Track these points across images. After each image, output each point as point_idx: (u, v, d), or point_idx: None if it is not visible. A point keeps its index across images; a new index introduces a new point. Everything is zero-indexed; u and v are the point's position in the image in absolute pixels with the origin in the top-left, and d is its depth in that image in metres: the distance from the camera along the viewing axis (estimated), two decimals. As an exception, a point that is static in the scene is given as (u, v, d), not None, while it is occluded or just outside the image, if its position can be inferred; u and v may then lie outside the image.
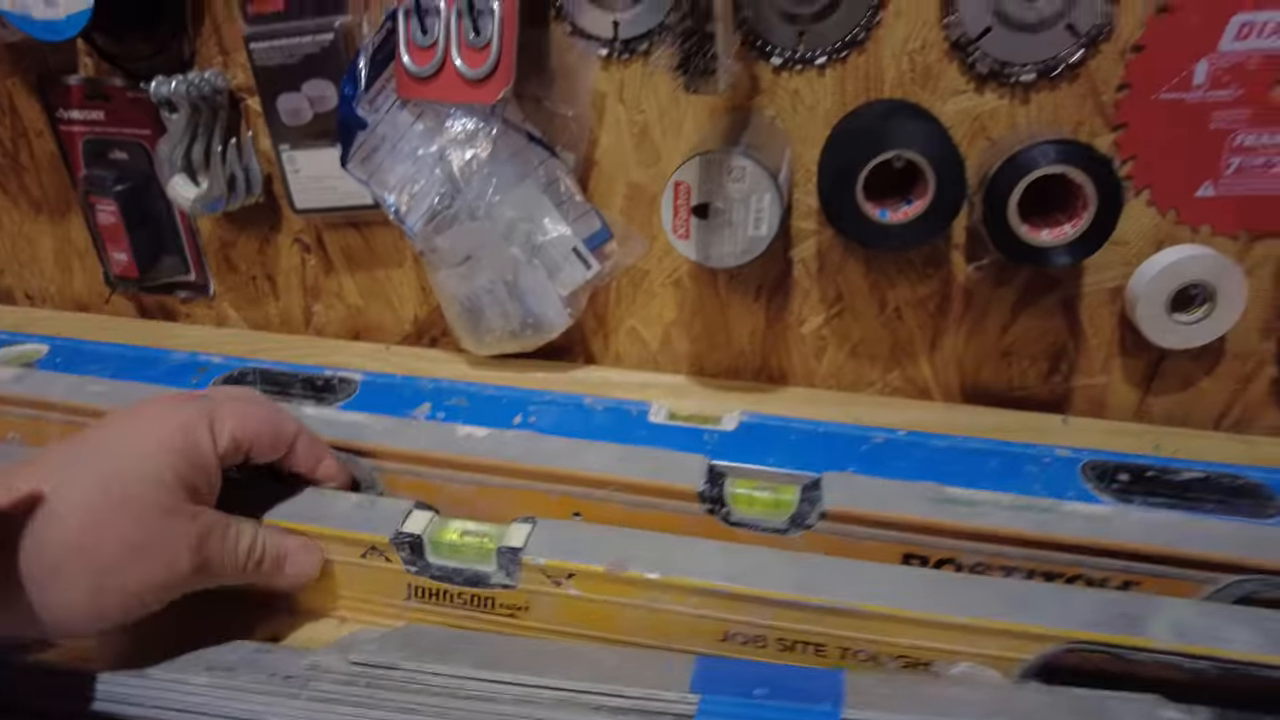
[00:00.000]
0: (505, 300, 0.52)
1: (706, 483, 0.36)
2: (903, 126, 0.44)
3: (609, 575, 0.32)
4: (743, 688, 0.27)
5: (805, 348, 0.55)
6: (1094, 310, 0.50)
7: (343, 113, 0.49)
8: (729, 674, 0.29)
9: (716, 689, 0.27)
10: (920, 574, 0.32)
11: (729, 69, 0.38)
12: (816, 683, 0.28)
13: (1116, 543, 0.33)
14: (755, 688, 0.27)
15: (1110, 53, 0.44)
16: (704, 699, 0.26)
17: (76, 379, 0.46)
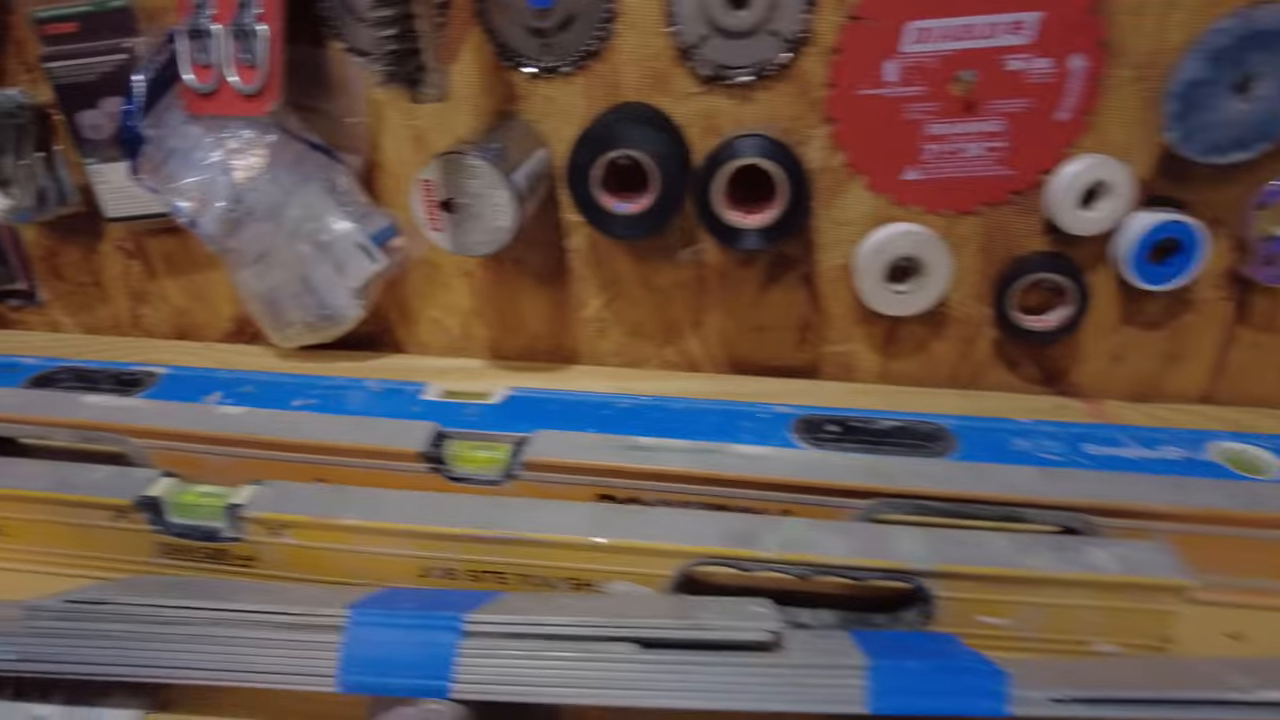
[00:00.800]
0: (300, 295, 0.57)
1: (430, 445, 0.41)
2: (631, 128, 0.50)
3: (316, 523, 0.37)
4: (395, 604, 0.32)
5: (589, 329, 0.60)
6: (831, 285, 0.56)
7: (125, 129, 0.53)
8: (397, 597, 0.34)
9: (375, 606, 0.32)
10: (587, 508, 0.37)
11: (438, 82, 0.43)
12: (467, 599, 0.33)
13: (763, 477, 0.39)
14: (409, 604, 0.32)
15: (814, 55, 0.50)
16: (354, 610, 0.31)
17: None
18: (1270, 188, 0.50)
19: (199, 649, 0.31)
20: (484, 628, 0.30)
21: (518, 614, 0.31)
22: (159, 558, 0.39)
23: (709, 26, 0.50)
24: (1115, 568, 0.34)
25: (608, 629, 0.30)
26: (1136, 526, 0.38)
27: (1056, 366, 0.57)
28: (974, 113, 0.51)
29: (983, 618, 0.35)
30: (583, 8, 0.51)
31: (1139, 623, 0.34)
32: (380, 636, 0.31)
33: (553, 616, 0.31)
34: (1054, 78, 0.50)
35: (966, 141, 0.52)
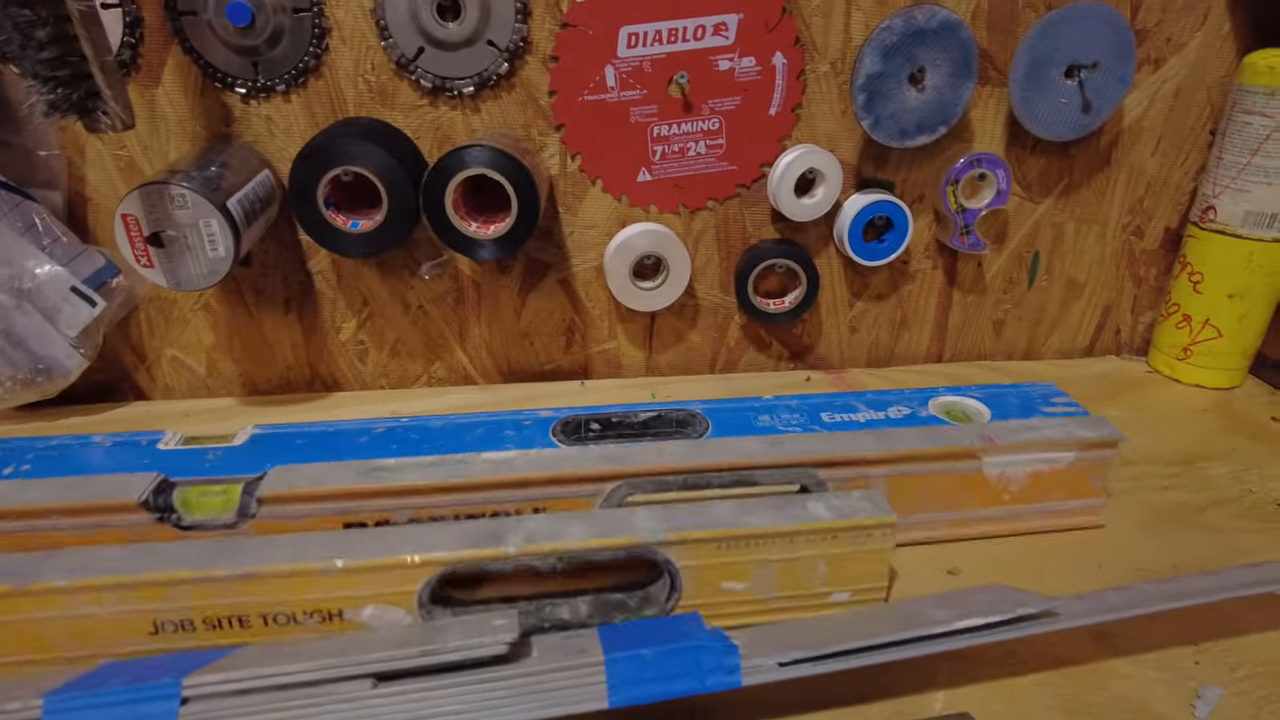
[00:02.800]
0: (5, 350, 0.51)
1: (152, 493, 0.38)
2: (354, 144, 0.48)
3: (16, 591, 0.33)
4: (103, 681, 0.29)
5: (348, 353, 0.58)
6: (587, 287, 0.58)
7: None
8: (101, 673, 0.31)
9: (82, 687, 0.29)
10: (326, 535, 0.36)
11: (117, 109, 0.40)
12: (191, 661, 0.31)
13: (508, 477, 0.39)
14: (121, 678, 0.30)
15: (534, 64, 0.52)
16: (49, 698, 0.28)
17: None
18: (957, 166, 0.56)
19: None
20: (205, 689, 0.28)
21: (243, 668, 0.29)
22: None
23: (423, 38, 0.50)
24: (828, 515, 0.37)
25: (339, 668, 0.29)
26: (854, 475, 0.41)
27: (800, 343, 0.62)
28: (693, 113, 0.54)
29: (724, 584, 0.37)
30: (289, 24, 0.49)
31: (861, 567, 0.37)
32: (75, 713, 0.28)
33: (282, 665, 0.29)
34: (761, 75, 0.53)
35: (689, 140, 0.55)
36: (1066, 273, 0.62)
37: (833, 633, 0.34)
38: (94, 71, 0.38)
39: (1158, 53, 0.56)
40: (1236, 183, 0.55)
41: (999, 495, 0.44)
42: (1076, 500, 0.45)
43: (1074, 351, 0.65)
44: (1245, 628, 0.38)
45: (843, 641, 0.32)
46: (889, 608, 0.38)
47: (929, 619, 0.34)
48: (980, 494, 0.43)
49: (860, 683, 0.35)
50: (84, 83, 0.38)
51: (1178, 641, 0.37)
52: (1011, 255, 0.61)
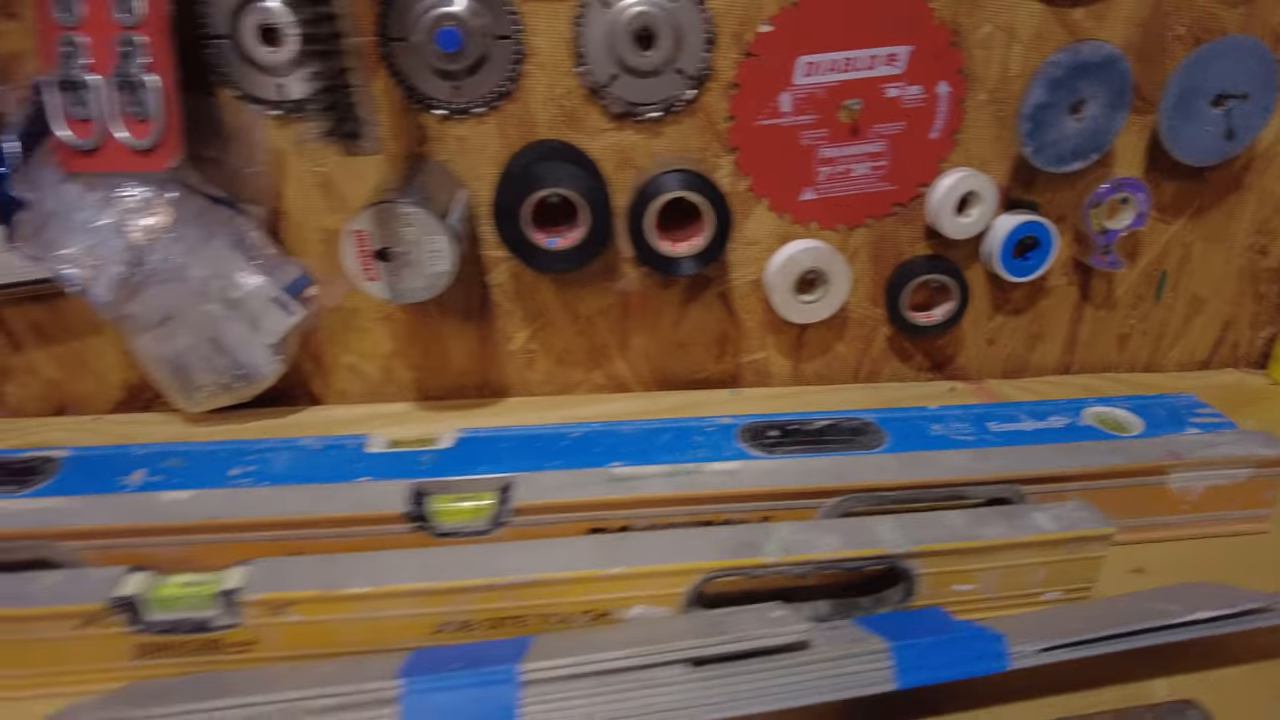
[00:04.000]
0: (211, 356, 0.53)
1: (411, 504, 0.41)
2: (555, 167, 0.51)
3: (322, 597, 0.36)
4: (443, 664, 0.32)
5: (517, 361, 0.61)
6: (744, 300, 0.61)
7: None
8: (435, 657, 0.34)
9: (419, 671, 0.32)
10: (590, 540, 0.39)
11: (374, 133, 0.42)
12: (507, 649, 0.34)
13: (742, 490, 0.42)
14: (454, 663, 0.32)
15: (716, 90, 0.54)
16: (407, 680, 0.31)
17: None
18: (1100, 190, 0.59)
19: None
20: (539, 675, 0.31)
21: (567, 655, 0.32)
22: (137, 660, 0.36)
23: (618, 66, 0.52)
24: (1055, 526, 0.40)
25: (658, 655, 0.32)
26: (1052, 490, 0.44)
27: (942, 354, 0.64)
28: (859, 136, 0.56)
29: (956, 586, 0.40)
30: (492, 50, 0.51)
31: (1075, 571, 0.40)
32: (438, 702, 0.31)
33: (602, 653, 0.32)
34: (925, 102, 0.56)
35: (854, 162, 0.57)
36: (1191, 289, 0.65)
37: (1079, 623, 0.36)
38: (358, 102, 0.41)
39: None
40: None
41: (1177, 505, 0.47)
42: (1247, 510, 0.48)
43: (1192, 364, 0.68)
44: None
45: (1092, 630, 0.35)
46: (1116, 601, 0.41)
47: (1161, 612, 0.37)
48: (1161, 504, 0.46)
49: (1088, 671, 0.37)
50: (351, 111, 0.41)
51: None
52: (1141, 273, 0.64)
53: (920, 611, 0.39)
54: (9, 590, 0.36)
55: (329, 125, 0.41)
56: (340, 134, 0.41)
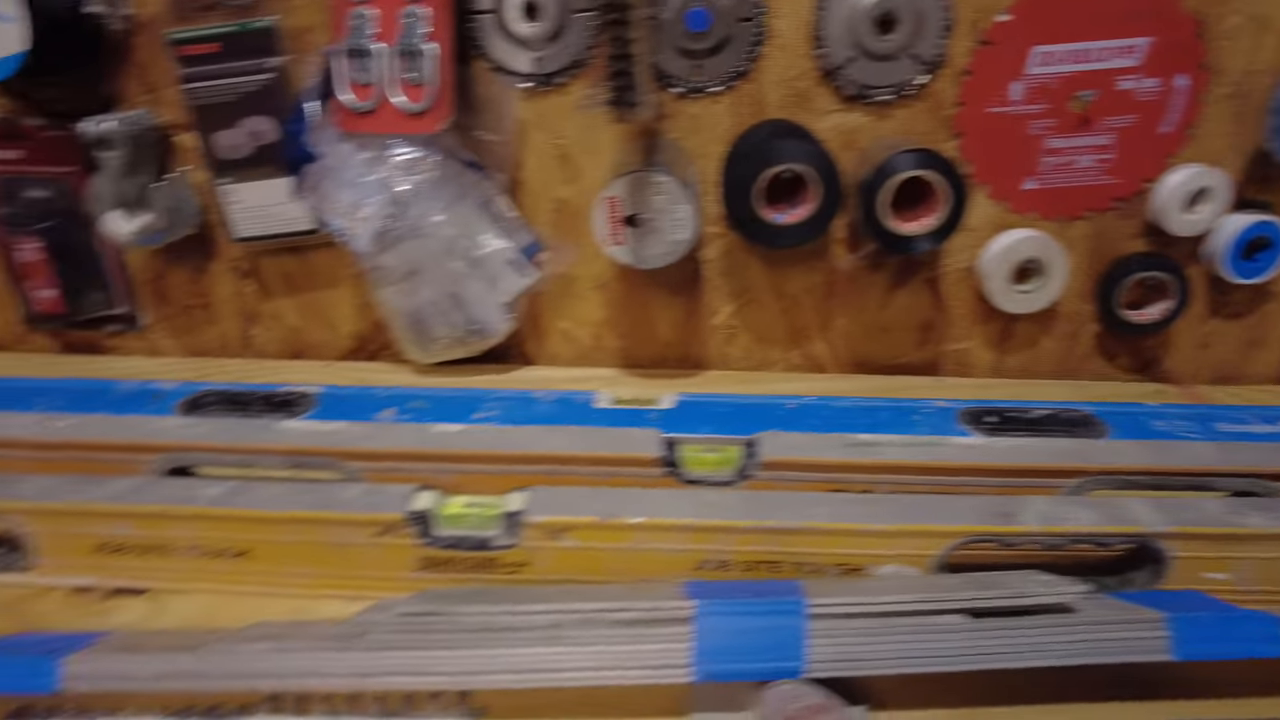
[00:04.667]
0: (449, 310, 0.57)
1: (664, 449, 0.43)
2: (787, 144, 0.53)
3: (599, 524, 0.38)
4: (725, 594, 0.34)
5: (718, 336, 0.63)
6: (953, 287, 0.61)
7: (293, 149, 0.53)
8: (713, 587, 0.36)
9: (707, 596, 0.34)
10: (845, 497, 0.40)
11: (651, 101, 0.45)
12: (780, 586, 0.35)
13: (991, 463, 0.42)
14: (735, 594, 0.34)
15: (947, 77, 0.55)
16: (700, 602, 0.33)
17: (37, 417, 0.48)
18: (1342, 190, 0.56)
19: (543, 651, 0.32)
20: (826, 609, 0.33)
21: (850, 595, 0.33)
22: (419, 572, 0.40)
23: (856, 49, 0.54)
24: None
25: (940, 602, 0.33)
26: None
27: (1150, 355, 0.63)
28: (1088, 128, 0.56)
29: (1208, 574, 0.39)
30: (736, 31, 0.53)
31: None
32: (729, 624, 0.33)
33: (884, 596, 0.33)
34: (1160, 95, 0.55)
35: (1079, 154, 0.57)
36: None
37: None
38: (638, 72, 0.43)
39: None
40: None
41: None
42: None
43: None
44: None
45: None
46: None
47: None
48: None
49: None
50: (631, 79, 0.43)
51: None
52: (1377, 283, 0.61)
53: (1178, 592, 0.38)
54: (319, 498, 0.40)
55: (612, 92, 0.43)
56: (621, 101, 0.44)
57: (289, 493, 0.40)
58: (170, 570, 0.41)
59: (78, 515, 0.40)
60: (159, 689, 0.33)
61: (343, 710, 0.34)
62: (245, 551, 0.40)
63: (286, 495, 0.40)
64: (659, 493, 0.40)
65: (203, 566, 0.41)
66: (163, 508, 0.40)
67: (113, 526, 0.40)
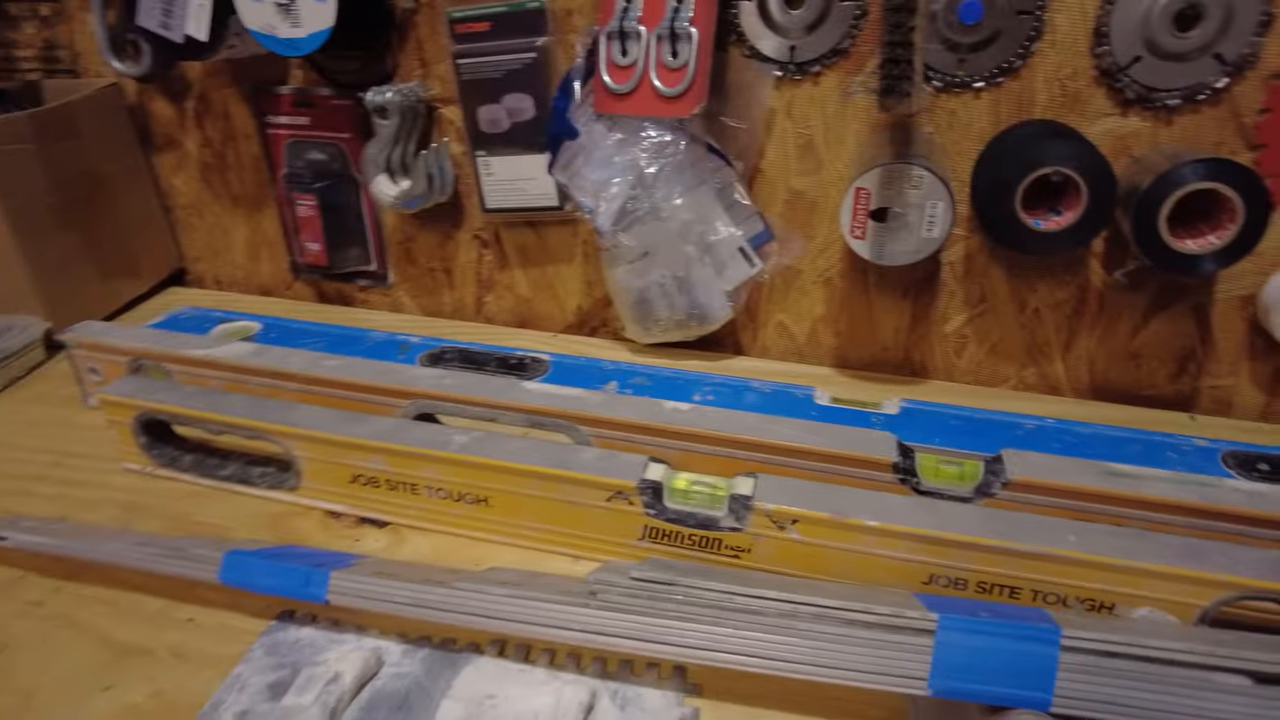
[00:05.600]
0: (674, 294, 0.58)
1: (899, 455, 0.41)
2: (1058, 145, 0.49)
3: (831, 521, 0.37)
4: (967, 611, 0.32)
5: (947, 345, 0.60)
6: (1225, 316, 0.55)
7: (557, 125, 0.56)
8: (949, 602, 0.34)
9: (946, 611, 0.32)
10: (1100, 527, 0.37)
11: (921, 93, 0.43)
12: (1027, 612, 0.33)
13: (1273, 514, 0.38)
14: (977, 613, 0.32)
15: (1254, 79, 0.49)
16: (942, 616, 0.31)
17: (309, 354, 0.52)
18: None
19: (774, 639, 0.32)
20: (1081, 643, 0.30)
21: (1111, 633, 0.31)
22: (642, 541, 0.41)
23: (1145, 48, 0.49)
24: None
25: (1215, 658, 0.30)
26: None
27: None
28: None
29: None
30: (1011, 25, 0.50)
31: None
32: (972, 643, 0.31)
33: (1153, 640, 0.30)
34: None
35: None
36: None
37: None
38: (916, 61, 0.41)
39: None
40: None
41: None
42: None
43: None
44: None
45: None
46: None
47: None
48: None
49: None
50: (906, 69, 0.42)
51: None
52: None
53: None
54: (559, 456, 0.41)
55: (884, 80, 0.42)
56: (893, 90, 0.42)
57: (530, 448, 0.42)
58: (413, 508, 0.44)
59: (341, 446, 0.44)
60: (407, 615, 0.36)
61: (562, 664, 0.36)
62: (484, 499, 0.43)
63: (529, 450, 0.42)
64: (893, 498, 0.38)
65: (443, 508, 0.44)
66: (415, 449, 0.43)
67: (369, 460, 0.44)
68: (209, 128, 0.69)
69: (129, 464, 0.50)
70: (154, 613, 0.40)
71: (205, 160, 0.71)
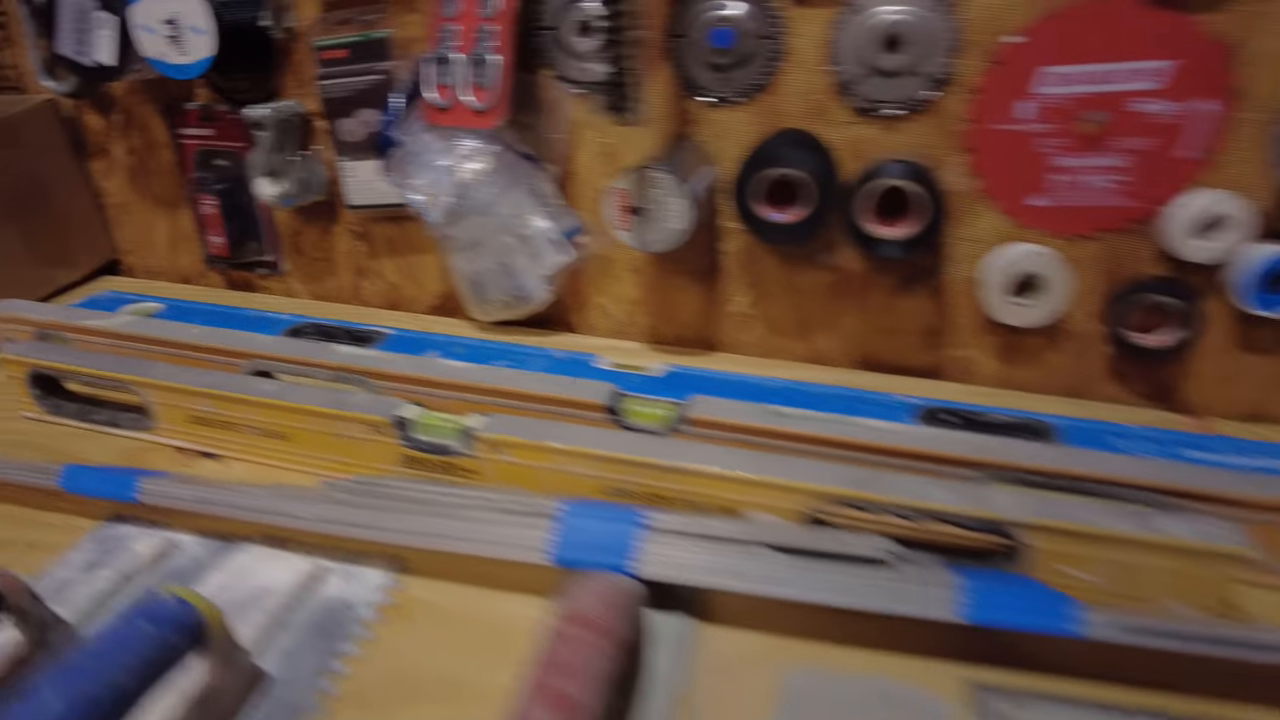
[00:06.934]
0: (501, 278, 0.68)
1: (610, 400, 0.51)
2: (793, 152, 0.59)
3: (532, 445, 0.47)
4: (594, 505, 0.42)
5: (733, 323, 0.69)
6: (957, 295, 0.63)
7: (383, 136, 0.66)
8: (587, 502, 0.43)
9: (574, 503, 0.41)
10: (741, 452, 0.46)
11: (642, 109, 0.53)
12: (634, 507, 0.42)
13: (888, 444, 0.47)
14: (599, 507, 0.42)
15: (956, 94, 0.58)
16: (568, 505, 0.41)
17: (178, 325, 0.63)
18: (1387, 229, 0.53)
19: (448, 521, 0.42)
20: (660, 524, 0.40)
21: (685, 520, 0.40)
22: (401, 466, 0.51)
23: (866, 67, 0.58)
24: (1183, 533, 0.40)
25: (754, 536, 0.39)
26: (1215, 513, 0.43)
27: (1166, 384, 0.62)
28: (1099, 148, 0.57)
29: (1065, 569, 0.41)
30: (756, 48, 0.60)
31: (1203, 588, 0.40)
32: (582, 524, 0.40)
33: (710, 524, 0.40)
34: (1178, 119, 0.55)
35: (1091, 174, 0.58)
36: None
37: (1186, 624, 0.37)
38: (632, 82, 0.51)
39: None
40: None
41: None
42: None
43: None
44: None
45: (1189, 629, 0.36)
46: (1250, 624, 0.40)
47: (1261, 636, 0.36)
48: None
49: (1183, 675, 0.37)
50: (623, 89, 0.52)
51: None
52: None
53: (1015, 574, 0.41)
54: (336, 399, 0.52)
55: (608, 98, 0.52)
56: (614, 108, 0.52)
57: (318, 394, 0.52)
58: (236, 443, 0.55)
59: (182, 393, 0.55)
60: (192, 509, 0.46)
61: (308, 550, 0.46)
62: (285, 435, 0.53)
63: (316, 395, 0.52)
64: (596, 431, 0.48)
65: (256, 442, 0.54)
66: (234, 394, 0.53)
67: (202, 405, 0.54)
68: (133, 138, 0.81)
69: (26, 413, 0.61)
70: (21, 516, 0.51)
71: (131, 165, 0.83)
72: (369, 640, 0.41)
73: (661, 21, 0.61)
